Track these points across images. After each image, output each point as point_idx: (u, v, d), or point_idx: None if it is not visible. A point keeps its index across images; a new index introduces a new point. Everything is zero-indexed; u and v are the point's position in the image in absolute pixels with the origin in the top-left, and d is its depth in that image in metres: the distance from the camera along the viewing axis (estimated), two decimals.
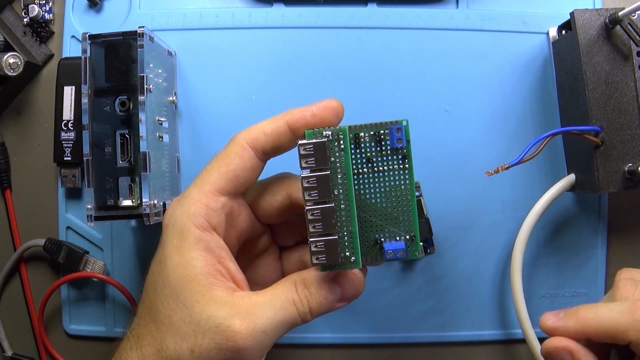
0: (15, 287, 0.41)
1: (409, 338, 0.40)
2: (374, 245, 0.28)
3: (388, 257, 0.27)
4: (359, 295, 0.29)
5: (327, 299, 0.28)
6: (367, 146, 0.28)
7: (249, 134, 0.29)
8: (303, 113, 0.28)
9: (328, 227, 0.26)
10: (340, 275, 0.29)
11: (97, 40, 0.34)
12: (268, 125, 0.29)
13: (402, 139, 0.27)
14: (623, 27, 0.36)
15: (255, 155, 0.29)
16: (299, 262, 0.34)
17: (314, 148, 0.27)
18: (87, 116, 0.34)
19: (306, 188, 0.26)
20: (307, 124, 0.28)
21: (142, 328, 0.28)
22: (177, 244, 0.28)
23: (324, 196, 0.26)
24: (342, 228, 0.27)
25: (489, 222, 0.40)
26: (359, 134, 0.28)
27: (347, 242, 0.27)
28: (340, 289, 0.28)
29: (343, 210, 0.27)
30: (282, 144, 0.29)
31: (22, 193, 0.41)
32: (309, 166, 0.27)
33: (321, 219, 0.26)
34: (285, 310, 0.27)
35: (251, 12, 0.40)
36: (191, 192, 0.29)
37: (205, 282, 0.27)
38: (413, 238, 0.28)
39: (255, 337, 0.26)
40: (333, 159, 0.27)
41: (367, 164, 0.28)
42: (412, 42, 0.40)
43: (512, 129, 0.40)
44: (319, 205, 0.26)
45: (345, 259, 0.27)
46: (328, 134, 0.27)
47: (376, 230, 0.28)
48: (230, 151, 0.29)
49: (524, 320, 0.37)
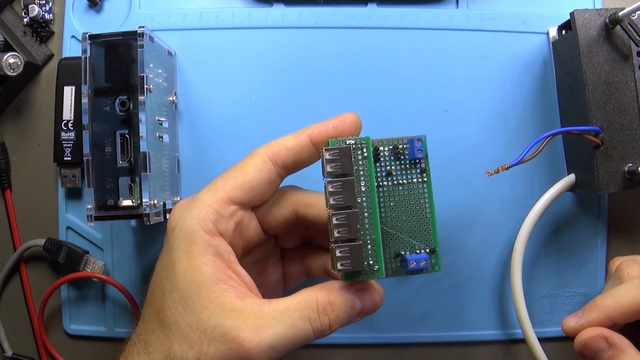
0: (15, 287, 0.41)
1: (410, 338, 0.40)
2: (395, 257, 0.28)
3: (411, 268, 0.27)
4: (377, 310, 0.29)
5: (348, 313, 0.27)
6: (387, 160, 0.28)
7: (270, 148, 0.29)
8: (324, 127, 0.29)
9: (353, 233, 0.26)
10: (362, 288, 0.28)
11: (97, 40, 0.34)
12: (290, 139, 0.29)
13: (422, 149, 0.28)
14: (623, 27, 0.36)
15: (275, 170, 0.29)
16: (300, 264, 0.34)
17: (339, 153, 0.27)
18: (87, 116, 0.34)
19: (331, 193, 0.26)
20: (328, 136, 0.28)
21: (149, 334, 0.28)
22: (186, 248, 0.28)
23: (350, 201, 0.26)
24: (365, 236, 0.27)
25: (489, 222, 0.40)
26: (379, 148, 0.28)
27: (370, 250, 0.27)
28: (361, 302, 0.28)
29: (366, 218, 0.27)
30: (303, 158, 0.29)
31: (22, 193, 0.41)
32: (335, 171, 0.26)
33: (346, 223, 0.26)
34: (297, 328, 0.26)
35: (251, 12, 0.40)
36: (203, 196, 0.29)
37: (215, 288, 0.27)
38: (433, 250, 0.28)
39: (260, 351, 0.26)
40: (356, 167, 0.27)
41: (387, 178, 0.28)
42: (412, 42, 0.40)
43: (512, 129, 0.40)
44: (344, 210, 0.26)
45: (369, 267, 0.27)
46: (351, 142, 0.27)
47: (396, 243, 0.28)
48: (250, 163, 0.29)
49: (524, 320, 0.37)
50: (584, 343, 0.30)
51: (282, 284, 0.35)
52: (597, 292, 0.40)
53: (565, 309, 0.40)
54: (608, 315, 0.30)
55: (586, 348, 0.30)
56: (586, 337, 0.30)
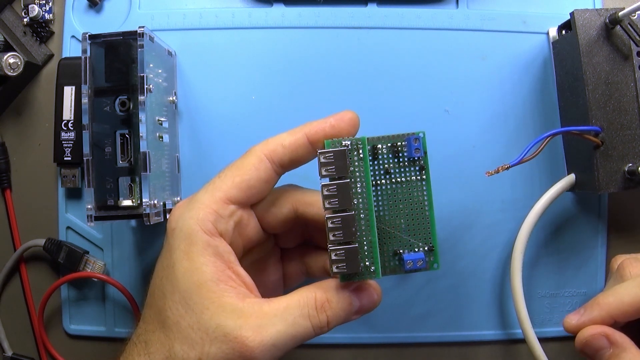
0: (15, 287, 0.41)
1: (410, 338, 0.40)
2: (393, 256, 0.28)
3: (408, 268, 0.27)
4: (375, 308, 0.29)
5: (345, 311, 0.28)
6: (385, 158, 0.28)
7: (266, 146, 0.29)
8: (321, 125, 0.29)
9: (348, 235, 0.26)
10: (359, 287, 0.28)
11: (97, 40, 0.34)
12: (286, 137, 0.29)
13: (419, 148, 0.28)
14: (623, 27, 0.36)
15: (272, 168, 0.29)
16: (300, 264, 0.34)
17: (334, 156, 0.27)
18: (87, 116, 0.34)
19: (326, 196, 0.26)
20: (325, 135, 0.28)
21: (150, 334, 0.28)
22: (186, 249, 0.28)
23: (345, 204, 0.26)
24: (361, 237, 0.27)
25: (489, 222, 0.40)
26: (377, 146, 0.28)
27: (366, 251, 0.27)
28: (359, 300, 0.28)
29: (362, 219, 0.27)
30: (299, 156, 0.29)
31: (22, 193, 0.41)
32: (329, 174, 0.27)
33: (341, 227, 0.26)
34: (298, 325, 0.27)
35: (251, 12, 0.40)
36: (201, 197, 0.29)
37: (216, 289, 0.27)
38: (432, 249, 0.28)
39: (263, 350, 0.26)
40: (352, 168, 0.27)
41: (385, 176, 0.28)
42: (412, 42, 0.40)
43: (512, 129, 0.40)
44: (339, 214, 0.26)
45: (365, 268, 0.27)
46: (347, 143, 0.27)
47: (394, 241, 0.28)
48: (247, 162, 0.29)
49: (524, 320, 0.37)
50: (585, 341, 0.30)
51: (282, 283, 0.35)
52: (597, 292, 0.40)
53: (565, 309, 0.40)
54: (609, 313, 0.30)
55: (587, 346, 0.30)
56: (587, 335, 0.30)
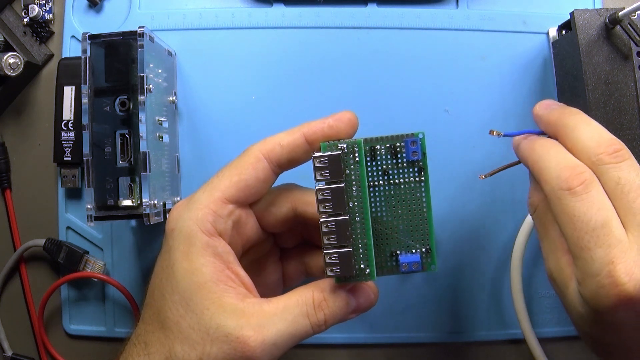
0: (15, 287, 0.41)
1: (409, 338, 0.40)
2: (390, 257, 0.28)
3: (403, 270, 0.28)
4: (373, 307, 0.29)
5: (342, 310, 0.28)
6: (383, 159, 0.28)
7: (264, 146, 0.29)
8: (319, 125, 0.28)
9: (342, 239, 0.26)
10: (356, 287, 0.29)
11: (97, 40, 0.34)
12: (284, 137, 0.29)
13: (417, 151, 0.28)
14: (623, 27, 0.36)
15: (270, 167, 0.29)
16: (299, 264, 0.34)
17: (328, 160, 0.27)
18: (87, 116, 0.34)
19: (321, 200, 0.26)
20: (324, 135, 0.28)
21: (149, 335, 0.28)
22: (185, 250, 0.28)
23: (339, 209, 0.26)
24: (357, 240, 0.27)
25: (489, 222, 0.40)
26: (375, 147, 0.28)
27: (362, 254, 0.27)
28: (355, 300, 0.28)
29: (358, 222, 0.27)
30: (297, 156, 0.29)
31: (22, 193, 0.41)
32: (324, 178, 0.27)
33: (335, 231, 0.26)
34: (297, 324, 0.27)
35: (251, 12, 0.40)
36: (200, 197, 0.29)
37: (215, 289, 0.27)
38: (429, 251, 0.28)
39: (264, 349, 0.26)
40: (348, 171, 0.27)
41: (383, 177, 0.28)
42: (412, 42, 0.40)
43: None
44: (333, 218, 0.26)
45: (360, 271, 0.27)
46: (343, 146, 0.27)
47: (392, 242, 0.28)
48: (245, 161, 0.29)
49: (524, 320, 0.37)
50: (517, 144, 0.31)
51: (282, 283, 0.35)
52: None
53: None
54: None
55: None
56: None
